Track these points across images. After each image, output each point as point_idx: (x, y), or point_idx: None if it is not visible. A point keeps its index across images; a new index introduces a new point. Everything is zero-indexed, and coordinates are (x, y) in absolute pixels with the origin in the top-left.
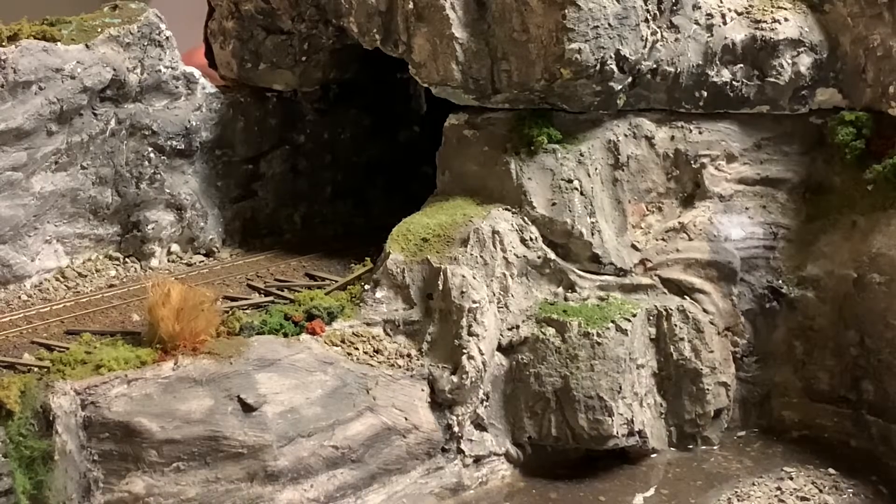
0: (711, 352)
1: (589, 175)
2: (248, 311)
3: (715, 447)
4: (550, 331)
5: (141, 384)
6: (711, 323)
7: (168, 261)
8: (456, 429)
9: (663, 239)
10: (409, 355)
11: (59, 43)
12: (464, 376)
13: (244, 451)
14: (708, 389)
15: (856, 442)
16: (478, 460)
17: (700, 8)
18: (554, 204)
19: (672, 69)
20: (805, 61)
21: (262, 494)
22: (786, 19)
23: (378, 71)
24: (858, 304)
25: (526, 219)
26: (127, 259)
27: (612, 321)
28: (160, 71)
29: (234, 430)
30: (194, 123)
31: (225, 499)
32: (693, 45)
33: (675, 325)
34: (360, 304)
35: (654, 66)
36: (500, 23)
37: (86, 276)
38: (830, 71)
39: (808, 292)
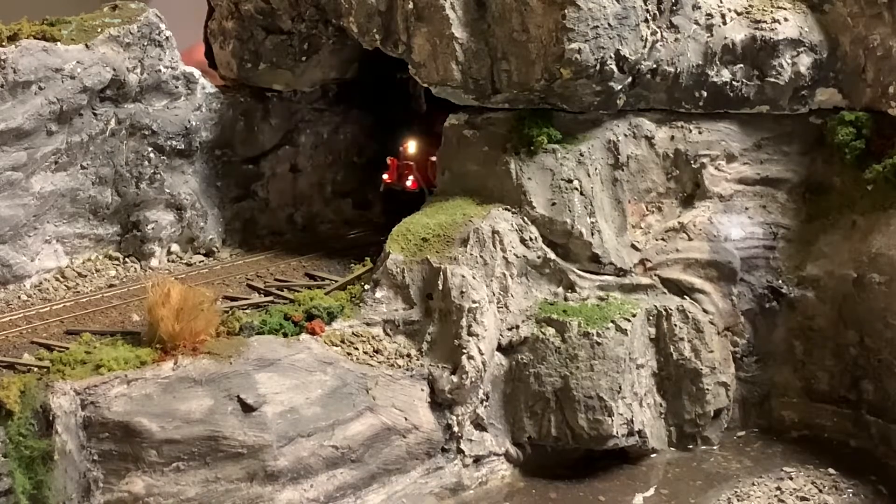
0: (711, 352)
1: (589, 175)
2: (247, 311)
3: (715, 447)
4: (550, 331)
5: (141, 384)
6: (711, 323)
7: (168, 261)
8: (456, 429)
9: (663, 239)
10: (408, 355)
11: (59, 43)
12: (464, 376)
13: (244, 451)
14: (708, 389)
15: (856, 442)
16: (478, 460)
17: (700, 8)
18: (554, 204)
19: (672, 69)
20: (805, 61)
21: (262, 494)
22: (785, 19)
23: (378, 71)
24: (858, 304)
25: (526, 219)
26: (127, 259)
27: (612, 321)
28: (160, 71)
29: (233, 430)
30: (194, 123)
31: (225, 499)
32: (693, 45)
33: (675, 325)
34: (360, 304)
35: (654, 66)
36: (500, 23)
37: (86, 276)
38: (830, 71)
39: (808, 292)
